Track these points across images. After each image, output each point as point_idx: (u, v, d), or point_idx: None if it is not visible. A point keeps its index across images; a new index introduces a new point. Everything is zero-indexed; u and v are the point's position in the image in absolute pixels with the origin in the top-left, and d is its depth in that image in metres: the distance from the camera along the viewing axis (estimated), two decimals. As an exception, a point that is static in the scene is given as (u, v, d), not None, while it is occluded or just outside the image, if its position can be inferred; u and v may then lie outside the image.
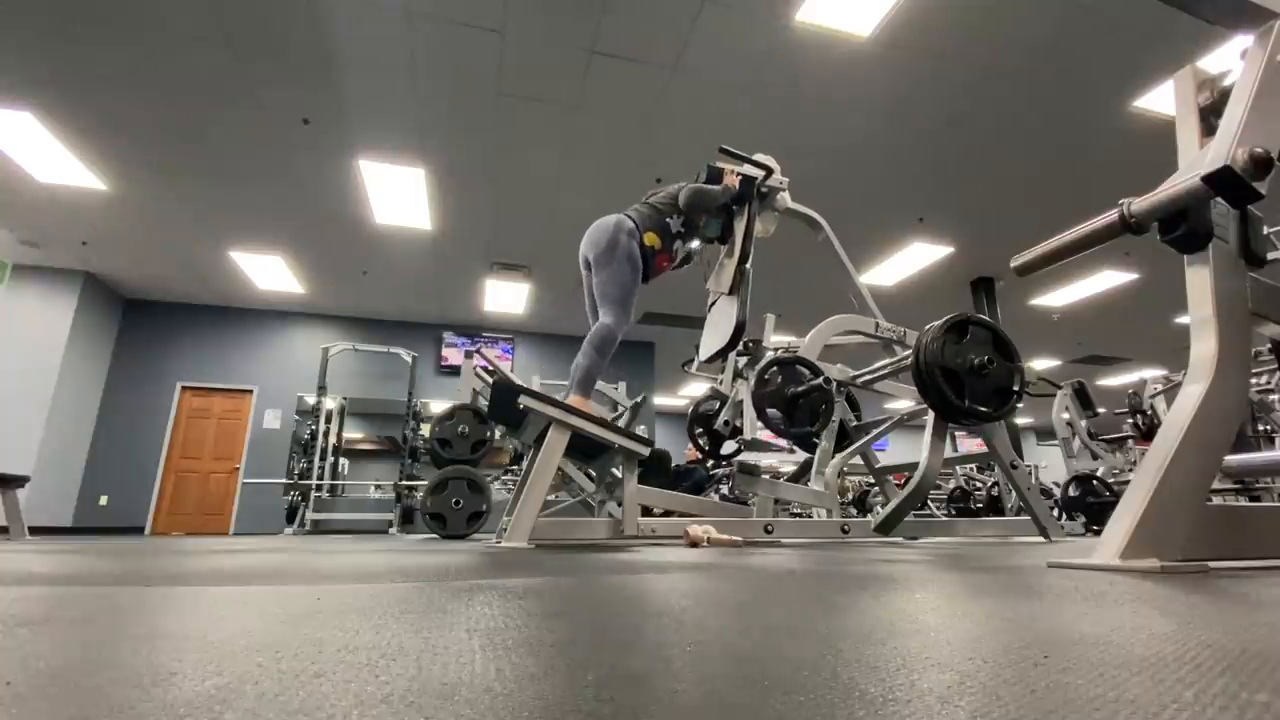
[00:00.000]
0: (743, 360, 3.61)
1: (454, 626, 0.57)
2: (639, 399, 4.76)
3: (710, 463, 4.55)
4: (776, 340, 3.79)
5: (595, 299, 2.87)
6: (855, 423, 3.68)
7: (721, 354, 3.06)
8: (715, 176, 3.07)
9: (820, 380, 2.95)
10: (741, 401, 3.39)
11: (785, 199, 3.22)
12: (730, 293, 2.98)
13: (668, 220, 2.97)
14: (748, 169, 3.10)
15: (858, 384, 3.42)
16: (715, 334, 3.04)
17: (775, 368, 3.04)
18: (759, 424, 3.04)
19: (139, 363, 8.13)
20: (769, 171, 3.13)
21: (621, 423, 4.50)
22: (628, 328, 2.78)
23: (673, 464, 5.08)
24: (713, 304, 3.14)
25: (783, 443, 3.21)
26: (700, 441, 4.04)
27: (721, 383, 3.75)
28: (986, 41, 4.05)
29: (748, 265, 3.00)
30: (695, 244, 3.18)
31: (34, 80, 4.30)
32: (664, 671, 0.40)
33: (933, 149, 5.17)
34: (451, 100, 4.56)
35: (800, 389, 2.98)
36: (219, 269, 7.37)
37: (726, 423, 3.58)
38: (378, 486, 8.04)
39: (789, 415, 2.99)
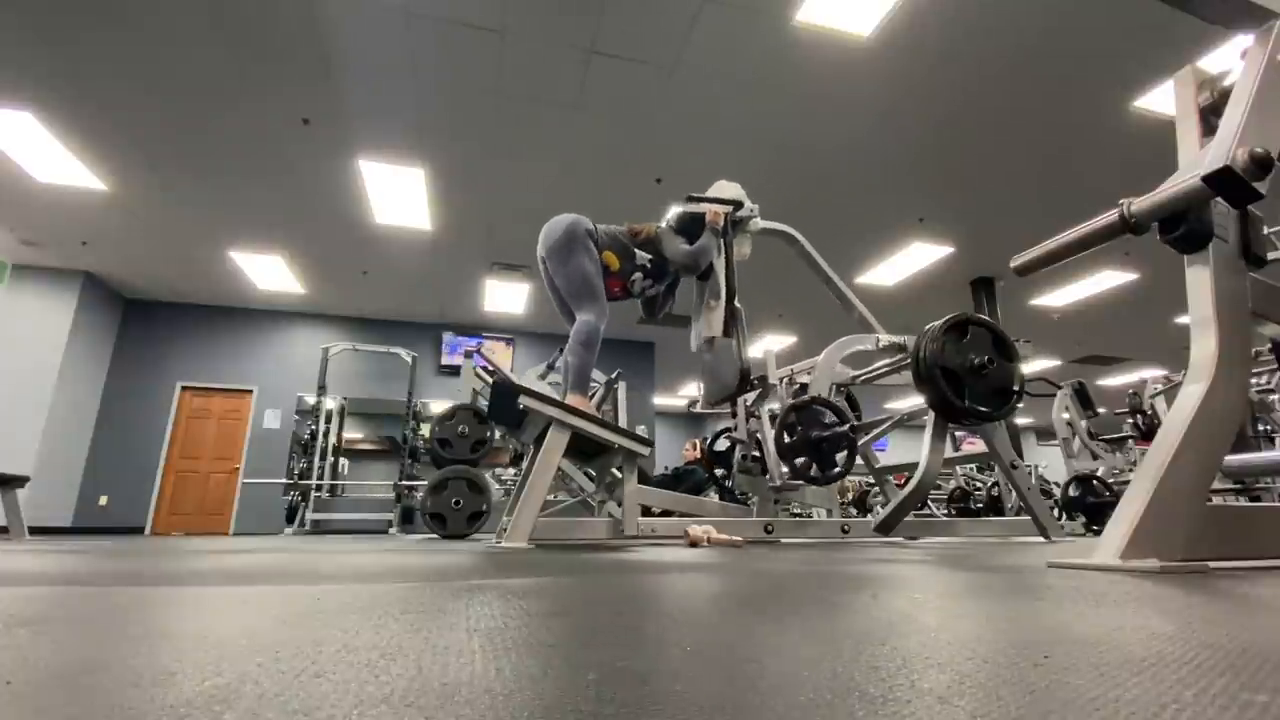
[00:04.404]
0: (751, 397, 3.54)
1: (454, 626, 0.57)
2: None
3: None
4: (778, 351, 3.77)
5: (563, 298, 2.87)
6: (855, 423, 3.67)
7: (728, 399, 3.02)
8: (687, 221, 3.03)
9: (846, 428, 2.92)
10: (757, 434, 3.36)
11: (757, 223, 3.15)
12: (725, 334, 2.88)
13: (635, 250, 2.95)
14: (707, 206, 3.00)
15: (858, 383, 3.41)
16: (717, 381, 2.95)
17: (794, 414, 2.97)
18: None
19: (139, 363, 8.13)
20: (738, 204, 3.07)
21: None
22: (607, 318, 2.77)
23: (676, 469, 5.09)
24: (706, 345, 3.04)
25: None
26: (719, 477, 4.03)
27: (736, 429, 3.71)
28: (987, 41, 4.05)
29: (737, 303, 2.91)
30: (661, 291, 3.11)
31: (34, 80, 4.30)
32: (664, 671, 0.40)
33: (933, 149, 5.16)
34: (451, 100, 4.56)
35: (824, 434, 2.94)
36: (219, 269, 7.37)
37: (745, 457, 3.56)
38: (381, 489, 8.03)
39: (816, 460, 2.95)
